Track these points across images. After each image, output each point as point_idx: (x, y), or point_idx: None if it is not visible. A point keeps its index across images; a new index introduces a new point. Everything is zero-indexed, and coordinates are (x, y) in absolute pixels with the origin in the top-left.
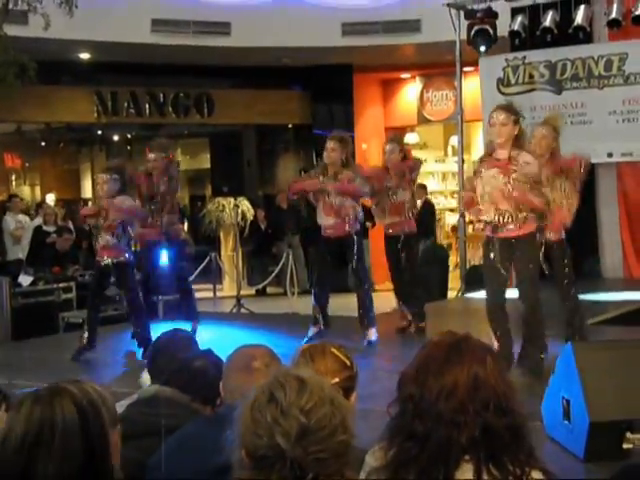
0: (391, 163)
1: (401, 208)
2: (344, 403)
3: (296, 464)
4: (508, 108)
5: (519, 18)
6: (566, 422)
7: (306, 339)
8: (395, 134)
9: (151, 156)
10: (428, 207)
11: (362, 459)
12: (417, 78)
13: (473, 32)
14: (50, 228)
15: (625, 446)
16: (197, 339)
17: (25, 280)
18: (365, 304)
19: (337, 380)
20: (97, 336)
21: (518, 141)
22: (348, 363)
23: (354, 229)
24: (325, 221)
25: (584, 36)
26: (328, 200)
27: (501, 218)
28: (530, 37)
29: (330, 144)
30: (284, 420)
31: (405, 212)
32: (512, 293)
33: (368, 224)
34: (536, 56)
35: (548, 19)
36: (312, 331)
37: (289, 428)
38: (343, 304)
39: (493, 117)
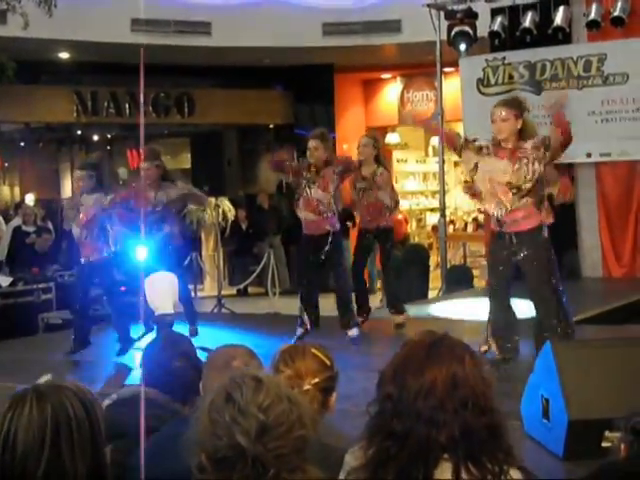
0: (364, 156)
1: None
2: (301, 400)
3: (258, 462)
4: (509, 103)
5: (499, 19)
6: (545, 421)
7: (294, 340)
8: (373, 131)
9: (144, 165)
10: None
11: (342, 459)
12: (398, 78)
13: (453, 33)
14: (29, 228)
15: (604, 444)
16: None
17: (4, 281)
18: (344, 304)
19: (317, 380)
20: (90, 335)
21: (522, 135)
22: (328, 363)
23: (333, 227)
24: (305, 215)
25: (563, 37)
26: (309, 195)
27: (503, 210)
28: (510, 38)
29: (312, 143)
30: (243, 419)
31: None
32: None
33: (349, 223)
34: (516, 57)
35: (527, 20)
36: (299, 332)
37: (248, 426)
38: (325, 304)
39: (494, 113)
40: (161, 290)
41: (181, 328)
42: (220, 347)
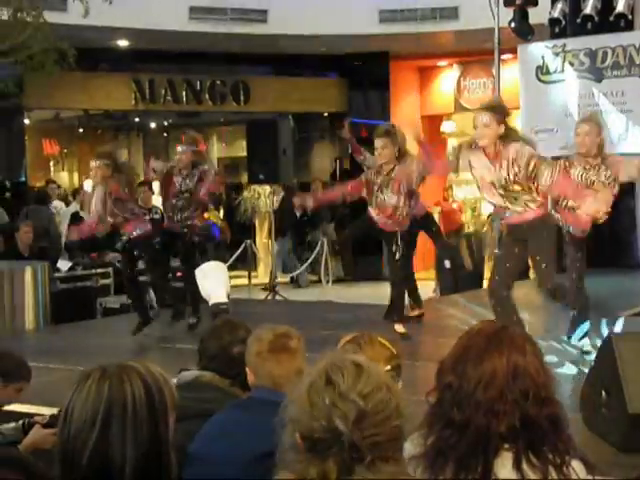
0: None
1: None
2: (398, 389)
3: (354, 447)
4: (491, 108)
5: (559, 5)
6: (605, 413)
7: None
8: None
9: (179, 149)
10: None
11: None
12: (454, 66)
13: (517, 19)
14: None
15: None
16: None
17: (64, 265)
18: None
19: (389, 368)
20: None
21: (505, 140)
22: (395, 352)
23: (401, 228)
24: (378, 218)
25: (625, 24)
26: (384, 202)
27: (503, 201)
28: (570, 24)
29: (379, 142)
30: (342, 403)
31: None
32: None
33: None
34: (576, 44)
35: (589, 6)
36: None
37: (347, 411)
38: (374, 293)
39: (476, 118)
40: (213, 280)
41: None
42: (264, 330)
